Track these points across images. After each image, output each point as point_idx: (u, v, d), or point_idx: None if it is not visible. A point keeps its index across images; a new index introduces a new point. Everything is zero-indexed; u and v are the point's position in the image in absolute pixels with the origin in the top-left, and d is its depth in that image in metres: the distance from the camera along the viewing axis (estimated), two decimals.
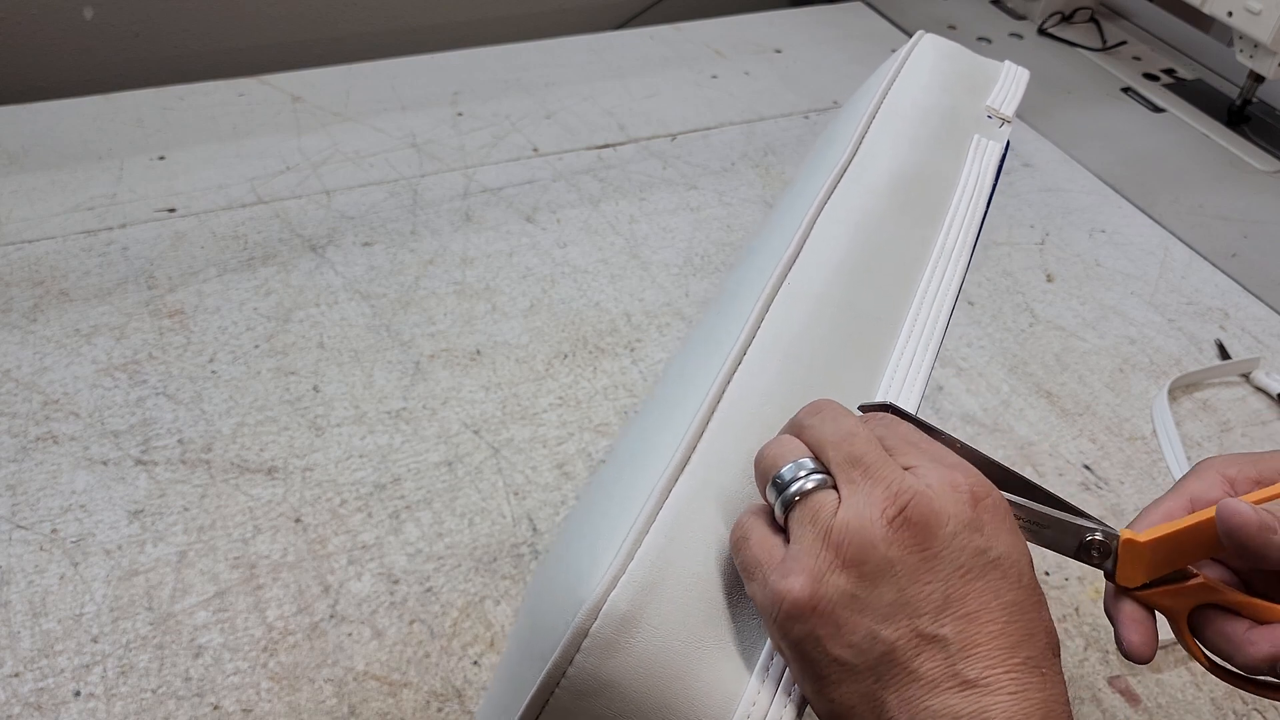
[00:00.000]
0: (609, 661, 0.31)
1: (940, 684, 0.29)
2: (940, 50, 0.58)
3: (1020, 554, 0.31)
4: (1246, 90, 1.11)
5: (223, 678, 0.56)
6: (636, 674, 0.31)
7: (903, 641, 0.29)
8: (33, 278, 0.81)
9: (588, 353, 0.78)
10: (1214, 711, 0.58)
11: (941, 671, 0.29)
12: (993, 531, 0.31)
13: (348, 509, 0.65)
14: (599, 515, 0.35)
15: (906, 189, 0.48)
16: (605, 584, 0.31)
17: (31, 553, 0.61)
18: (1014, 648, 0.29)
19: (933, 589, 0.30)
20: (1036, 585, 0.31)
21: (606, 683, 0.31)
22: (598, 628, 0.31)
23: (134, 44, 1.22)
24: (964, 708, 0.29)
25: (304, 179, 0.94)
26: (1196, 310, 0.87)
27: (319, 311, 0.80)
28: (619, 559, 0.32)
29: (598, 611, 0.31)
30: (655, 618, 0.31)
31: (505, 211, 0.92)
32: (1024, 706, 0.29)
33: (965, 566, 0.30)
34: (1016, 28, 1.33)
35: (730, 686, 0.32)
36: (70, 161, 0.94)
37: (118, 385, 0.72)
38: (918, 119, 0.52)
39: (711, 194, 0.97)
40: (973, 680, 0.29)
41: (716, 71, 1.18)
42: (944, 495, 0.31)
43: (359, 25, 1.32)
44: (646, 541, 0.32)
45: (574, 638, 0.31)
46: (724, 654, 0.32)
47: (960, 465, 0.32)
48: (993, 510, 0.31)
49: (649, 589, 0.32)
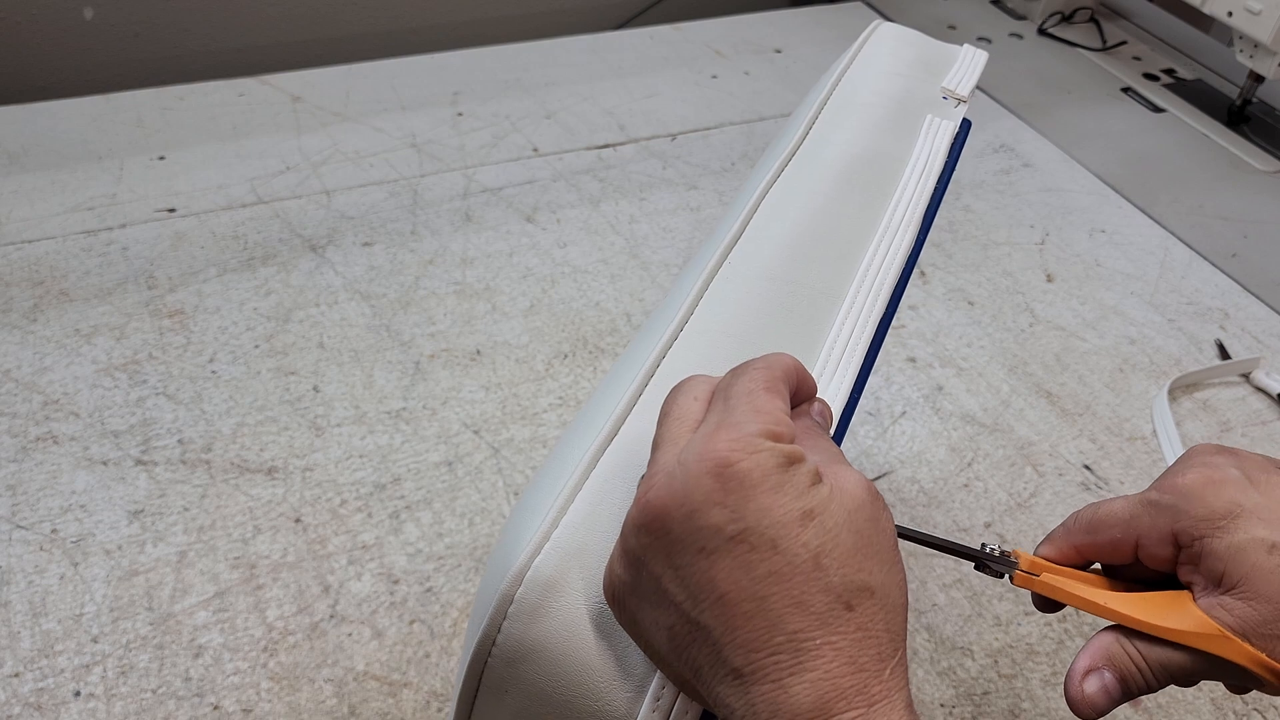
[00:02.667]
0: (534, 626, 0.32)
1: (716, 674, 0.28)
2: (898, 36, 0.59)
3: (778, 516, 0.28)
4: (1246, 90, 1.11)
5: (223, 678, 0.56)
6: (562, 638, 0.32)
7: (679, 628, 0.28)
8: (33, 278, 0.81)
9: (588, 353, 0.78)
10: (1214, 711, 0.58)
11: (713, 660, 0.28)
12: (738, 502, 0.28)
13: (348, 509, 0.65)
14: (535, 489, 0.36)
15: (855, 169, 0.49)
16: (530, 550, 0.32)
17: (31, 553, 0.61)
18: (773, 626, 0.27)
19: (682, 576, 0.28)
20: (808, 543, 0.28)
21: (533, 648, 0.32)
22: (522, 593, 0.32)
23: (134, 44, 1.22)
24: (735, 701, 0.27)
25: (304, 179, 0.94)
26: (1196, 310, 0.87)
27: (319, 311, 0.80)
28: (544, 525, 0.33)
29: (521, 577, 0.32)
30: (579, 582, 0.32)
31: (505, 211, 0.92)
32: (789, 695, 0.27)
33: (706, 548, 0.28)
34: (1016, 28, 1.33)
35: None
36: (70, 161, 0.94)
37: (118, 385, 0.72)
38: (871, 102, 0.53)
39: (711, 194, 0.97)
40: (738, 669, 0.27)
41: (716, 71, 1.18)
42: (686, 473, 0.28)
43: (359, 25, 1.32)
44: (572, 509, 0.33)
45: (500, 604, 0.32)
46: None
47: (739, 424, 0.29)
48: (741, 477, 0.28)
49: (573, 554, 0.32)
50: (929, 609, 0.62)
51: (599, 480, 0.34)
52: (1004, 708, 0.58)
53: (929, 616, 0.62)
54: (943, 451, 0.73)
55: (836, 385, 0.39)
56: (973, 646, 0.61)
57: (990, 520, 0.68)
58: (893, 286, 0.44)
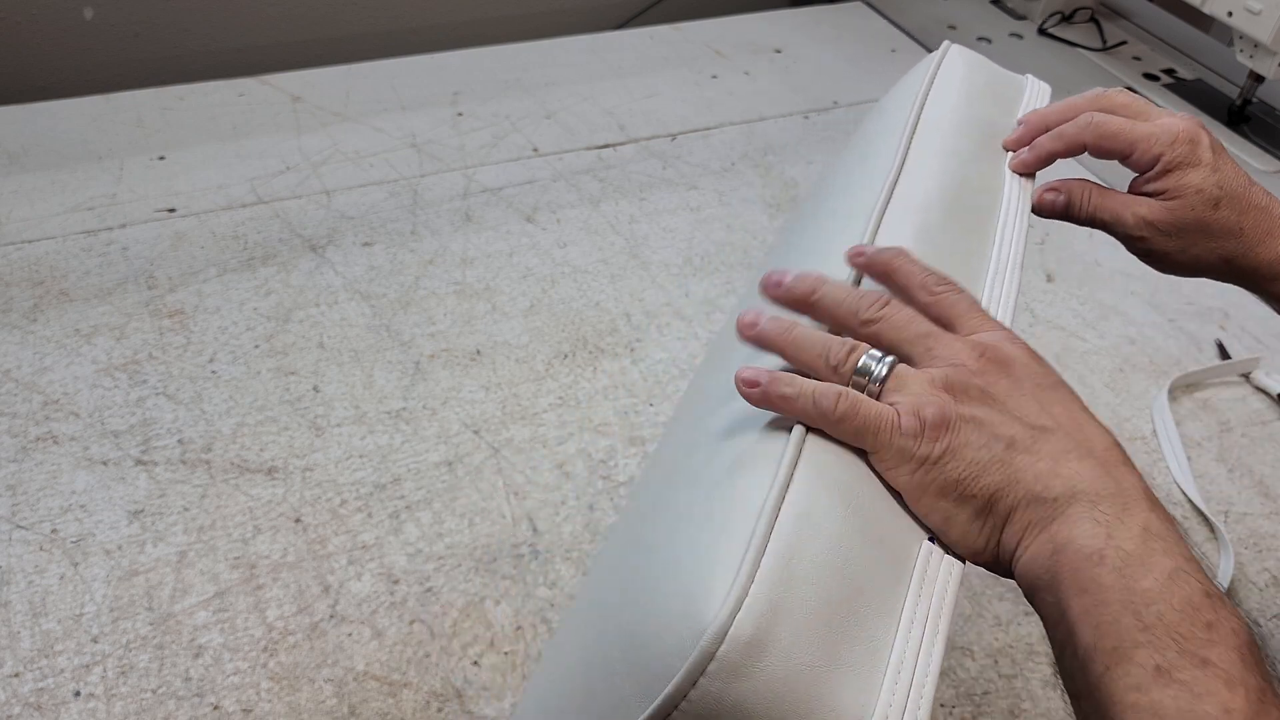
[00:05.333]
0: (735, 685, 0.31)
1: (1061, 458, 0.35)
2: (968, 62, 0.58)
3: (1059, 381, 0.38)
4: (1246, 90, 1.11)
5: (223, 678, 0.56)
6: (764, 698, 0.31)
7: (1020, 434, 0.36)
8: (33, 278, 0.81)
9: (588, 353, 0.78)
10: None
11: (1058, 449, 0.35)
12: (1049, 368, 0.38)
13: (348, 509, 0.65)
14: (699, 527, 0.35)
15: (955, 203, 0.48)
16: (729, 607, 0.31)
17: (31, 553, 0.61)
18: (1104, 435, 0.37)
19: (1026, 399, 0.37)
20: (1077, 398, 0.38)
21: (731, 706, 0.31)
22: (724, 652, 0.30)
23: (134, 44, 1.22)
24: (1083, 472, 0.35)
25: (304, 179, 0.94)
26: (1196, 310, 0.87)
27: (319, 311, 0.80)
28: (740, 579, 0.31)
29: (723, 636, 0.30)
30: (782, 640, 0.31)
31: (505, 211, 0.92)
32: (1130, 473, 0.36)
33: (1043, 384, 0.37)
34: (1016, 28, 1.33)
35: (857, 707, 0.31)
36: (70, 161, 0.94)
37: (118, 385, 0.72)
38: (956, 132, 0.52)
39: (711, 194, 0.97)
40: (1085, 453, 0.36)
41: (716, 71, 1.18)
42: (1006, 344, 0.38)
43: (359, 25, 1.32)
44: (765, 562, 0.32)
45: (699, 661, 0.30)
46: (848, 676, 0.32)
47: (1009, 329, 0.40)
48: (1041, 358, 0.38)
49: (773, 611, 0.31)
50: None
51: (789, 526, 0.33)
52: (1004, 708, 0.58)
53: None
54: None
55: None
56: (973, 646, 0.61)
57: None
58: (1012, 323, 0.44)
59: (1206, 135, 0.50)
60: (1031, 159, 0.53)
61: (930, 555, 0.35)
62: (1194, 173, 0.50)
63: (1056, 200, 0.53)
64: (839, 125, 1.09)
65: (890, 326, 0.39)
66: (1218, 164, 0.50)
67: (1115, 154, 0.52)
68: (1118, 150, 0.51)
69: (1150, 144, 0.50)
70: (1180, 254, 0.52)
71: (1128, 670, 0.31)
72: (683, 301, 0.84)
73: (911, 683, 0.32)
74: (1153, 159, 0.50)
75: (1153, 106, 0.53)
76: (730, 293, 0.85)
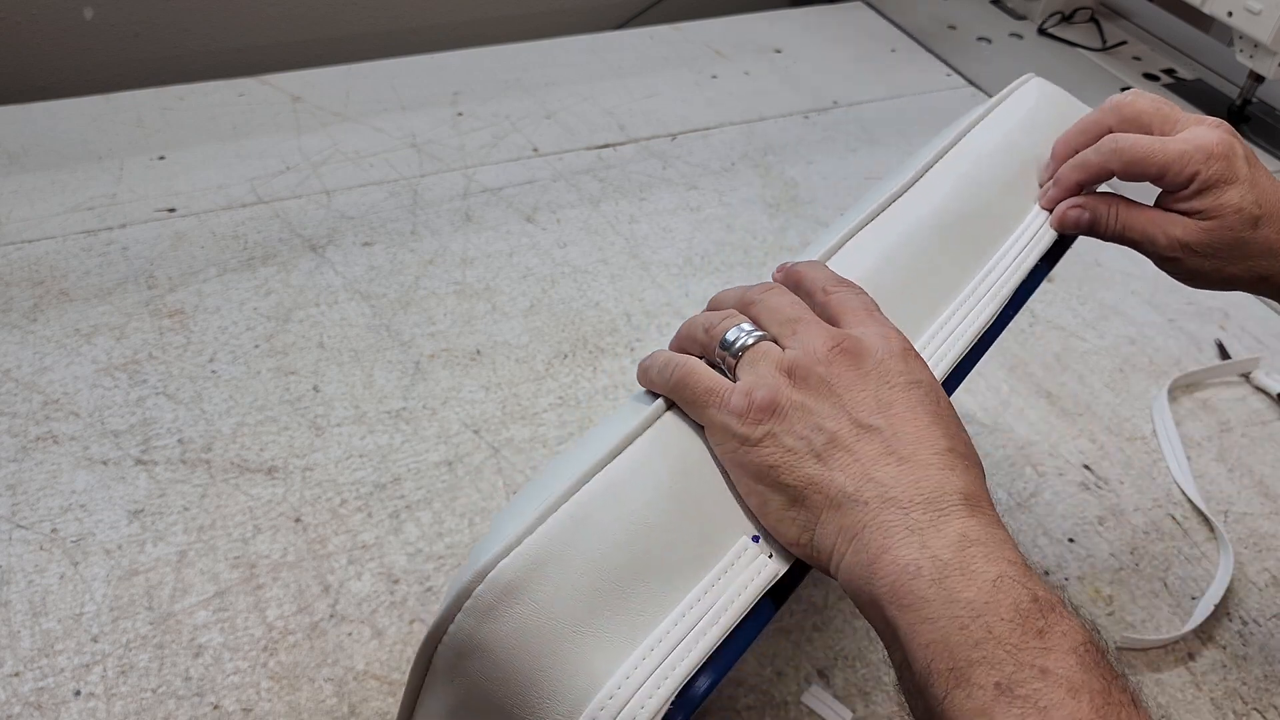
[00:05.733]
0: (485, 625, 0.32)
1: (878, 460, 0.34)
2: (1044, 94, 0.57)
3: (941, 391, 0.37)
4: (1246, 90, 1.11)
5: (223, 677, 0.56)
6: (510, 642, 0.32)
7: (843, 430, 0.35)
8: (33, 277, 0.81)
9: (588, 353, 0.78)
10: (1214, 711, 0.58)
11: (878, 450, 0.35)
12: (917, 367, 0.37)
13: (348, 509, 0.65)
14: (527, 492, 0.37)
15: (948, 228, 0.48)
16: (498, 552, 0.32)
17: (31, 552, 0.61)
18: (938, 440, 0.35)
19: (866, 395, 0.36)
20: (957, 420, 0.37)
21: (481, 646, 0.32)
22: (480, 590, 0.32)
23: (134, 44, 1.22)
24: (899, 477, 0.34)
25: (304, 179, 0.95)
26: (1196, 310, 0.87)
27: (319, 311, 0.80)
28: (520, 531, 0.33)
29: (483, 576, 0.32)
30: (539, 592, 0.32)
31: (505, 211, 0.92)
32: (953, 477, 0.34)
33: (893, 383, 0.36)
34: (1016, 28, 1.33)
35: (598, 672, 0.32)
36: (70, 161, 0.94)
37: (118, 385, 0.72)
38: (991, 160, 0.52)
39: (711, 194, 0.97)
40: (905, 457, 0.34)
41: (716, 71, 1.18)
42: (874, 338, 0.37)
43: (359, 25, 1.32)
44: (552, 519, 0.33)
45: (458, 598, 0.32)
46: (601, 641, 0.32)
47: (895, 329, 0.39)
48: (917, 357, 0.38)
49: (540, 564, 0.33)
50: None
51: (588, 496, 0.34)
52: None
53: None
54: None
55: None
56: None
57: None
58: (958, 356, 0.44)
59: (1240, 145, 0.48)
60: (1057, 194, 0.51)
61: (744, 550, 0.36)
62: (1231, 191, 0.47)
63: (1081, 217, 0.51)
64: (839, 125, 1.09)
65: (765, 308, 0.40)
66: (1254, 177, 0.47)
67: (1146, 178, 0.49)
68: (1149, 175, 0.49)
69: (1184, 164, 0.47)
70: (1215, 273, 0.49)
71: (969, 693, 0.30)
72: (683, 301, 0.84)
73: (664, 661, 0.32)
74: (1187, 179, 0.47)
75: (1177, 110, 0.50)
76: None
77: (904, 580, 0.32)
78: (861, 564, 0.33)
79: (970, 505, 0.34)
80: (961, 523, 0.33)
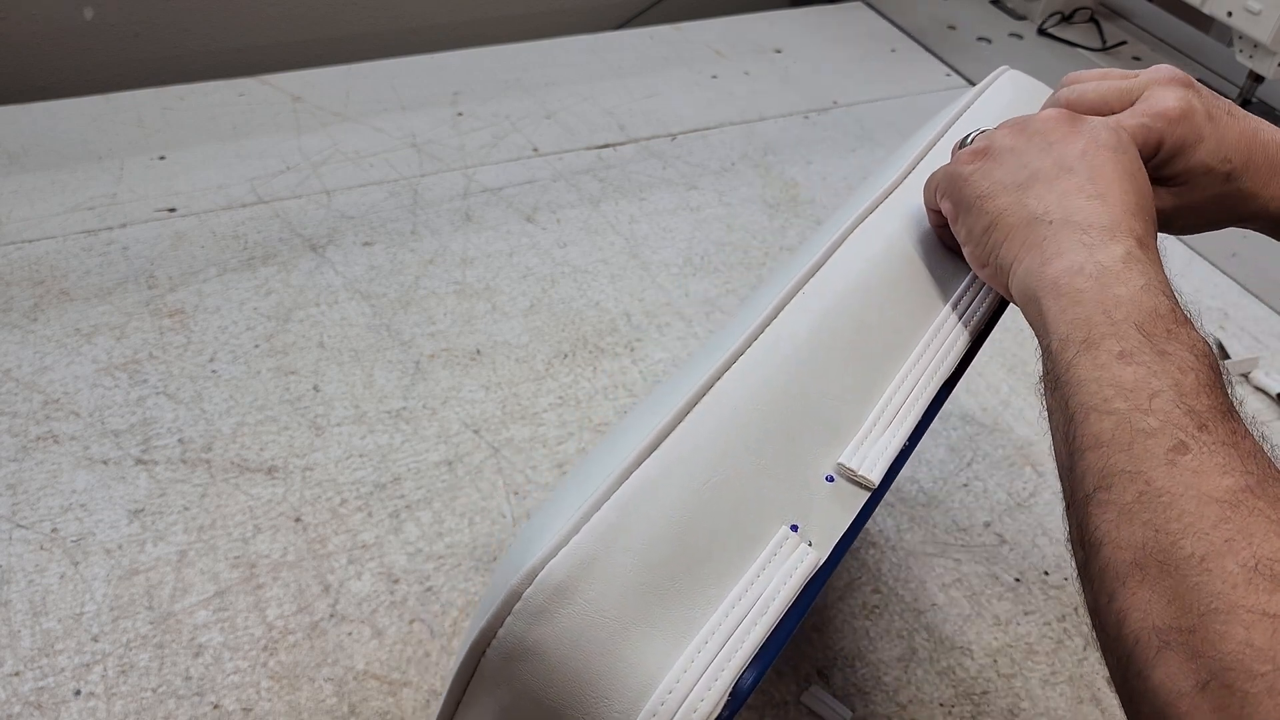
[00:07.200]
0: (536, 628, 0.31)
1: (1071, 194, 0.40)
2: (1019, 87, 0.57)
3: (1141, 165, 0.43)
4: (1246, 90, 1.11)
5: (223, 677, 0.56)
6: (562, 644, 0.31)
7: (1046, 168, 0.41)
8: (33, 277, 0.81)
9: (588, 353, 0.78)
10: None
11: (1073, 187, 0.40)
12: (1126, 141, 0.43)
13: (348, 508, 0.65)
14: (565, 490, 0.36)
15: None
16: (546, 552, 0.32)
17: (32, 552, 0.61)
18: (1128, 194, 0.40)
19: (1075, 147, 0.41)
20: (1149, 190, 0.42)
21: (532, 649, 0.32)
22: (530, 593, 0.31)
23: (134, 44, 1.22)
24: (1085, 208, 0.39)
25: (304, 179, 0.95)
26: (1196, 310, 0.87)
27: (319, 311, 0.80)
28: (566, 530, 0.32)
29: (533, 577, 0.31)
30: (590, 591, 0.32)
31: (505, 211, 0.92)
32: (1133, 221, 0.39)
33: (1101, 142, 0.42)
34: (1016, 28, 1.33)
35: (652, 670, 0.31)
36: (70, 161, 0.94)
37: (118, 385, 0.72)
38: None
39: (711, 194, 0.97)
40: (1096, 195, 0.40)
41: (716, 71, 1.18)
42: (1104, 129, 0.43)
43: (359, 25, 1.32)
44: (596, 516, 0.33)
45: (507, 600, 0.32)
46: (653, 638, 0.32)
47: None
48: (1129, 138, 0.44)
49: (589, 562, 0.32)
50: (928, 608, 0.62)
51: (630, 491, 0.34)
52: (1003, 707, 0.58)
53: (928, 616, 0.62)
54: (942, 451, 0.73)
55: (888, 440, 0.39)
56: (972, 646, 0.61)
57: (989, 520, 0.68)
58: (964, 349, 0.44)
59: (1199, 101, 0.46)
60: None
61: (785, 540, 0.35)
62: (1198, 150, 0.46)
63: None
64: (839, 125, 1.10)
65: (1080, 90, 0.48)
66: (1218, 132, 0.46)
67: None
68: None
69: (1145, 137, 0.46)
70: (1196, 225, 0.50)
71: (1095, 355, 0.35)
72: (682, 301, 0.84)
73: (716, 656, 0.32)
74: (1152, 149, 0.47)
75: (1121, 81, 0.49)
76: (730, 293, 0.85)
77: (1068, 276, 0.37)
78: (1035, 266, 0.39)
79: (1140, 243, 0.39)
80: (1129, 244, 0.38)
